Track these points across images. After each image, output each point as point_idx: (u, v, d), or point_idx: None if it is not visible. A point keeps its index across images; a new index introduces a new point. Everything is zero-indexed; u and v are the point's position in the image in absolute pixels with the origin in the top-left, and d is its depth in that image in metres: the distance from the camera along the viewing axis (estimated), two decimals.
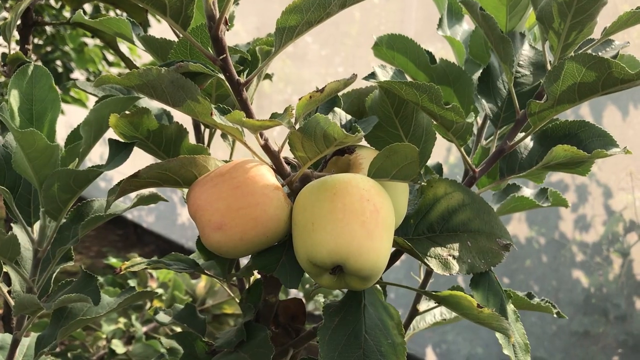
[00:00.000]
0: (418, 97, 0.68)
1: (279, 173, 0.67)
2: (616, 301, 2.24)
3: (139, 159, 0.84)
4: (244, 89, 0.62)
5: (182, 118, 0.75)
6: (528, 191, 1.02)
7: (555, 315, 0.92)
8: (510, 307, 0.75)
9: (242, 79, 0.61)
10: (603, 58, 0.67)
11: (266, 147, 0.65)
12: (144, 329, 1.82)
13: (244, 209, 0.61)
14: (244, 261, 0.83)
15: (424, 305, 1.03)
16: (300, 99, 0.62)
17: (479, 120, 0.93)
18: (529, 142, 0.83)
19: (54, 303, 0.68)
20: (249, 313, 0.75)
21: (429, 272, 1.03)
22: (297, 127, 0.65)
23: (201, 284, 1.99)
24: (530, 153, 0.83)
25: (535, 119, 0.75)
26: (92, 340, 1.79)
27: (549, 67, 0.82)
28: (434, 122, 0.77)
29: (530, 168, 0.81)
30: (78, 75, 2.63)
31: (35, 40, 2.63)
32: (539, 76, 0.86)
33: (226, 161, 0.71)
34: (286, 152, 0.68)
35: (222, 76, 0.63)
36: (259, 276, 0.79)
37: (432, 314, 1.04)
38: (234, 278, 0.85)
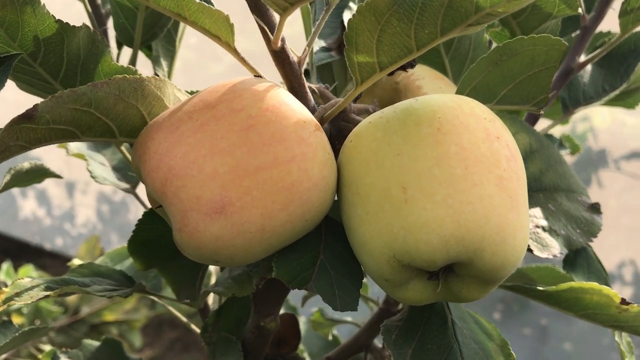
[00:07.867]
0: None
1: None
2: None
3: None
4: None
5: None
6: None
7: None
8: None
9: None
10: None
11: (282, 55, 0.35)
12: (3, 356, 1.40)
13: (268, 169, 0.31)
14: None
15: None
16: None
17: None
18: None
19: None
20: (233, 351, 0.44)
21: None
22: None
23: None
24: (592, 77, 0.60)
25: (628, 20, 0.52)
26: None
27: None
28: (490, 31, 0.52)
29: (599, 98, 0.59)
30: None
31: None
32: None
33: (191, 92, 0.40)
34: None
35: None
36: None
37: None
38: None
